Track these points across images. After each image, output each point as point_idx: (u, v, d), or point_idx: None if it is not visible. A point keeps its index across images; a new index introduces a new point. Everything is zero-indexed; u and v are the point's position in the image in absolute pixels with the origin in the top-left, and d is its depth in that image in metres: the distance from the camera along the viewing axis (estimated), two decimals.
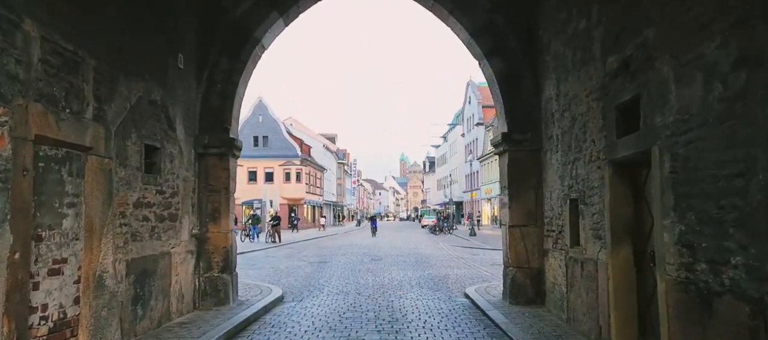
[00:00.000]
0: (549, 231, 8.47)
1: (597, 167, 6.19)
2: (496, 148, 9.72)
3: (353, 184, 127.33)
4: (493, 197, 62.15)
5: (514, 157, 9.18)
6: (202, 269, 8.86)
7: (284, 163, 65.15)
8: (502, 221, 9.66)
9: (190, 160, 8.53)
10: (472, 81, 75.72)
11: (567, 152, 7.40)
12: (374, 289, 11.95)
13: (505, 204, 9.35)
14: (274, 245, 28.63)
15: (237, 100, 9.34)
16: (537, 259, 8.94)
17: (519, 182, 9.14)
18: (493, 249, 25.53)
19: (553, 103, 8.10)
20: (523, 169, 9.12)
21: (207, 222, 8.93)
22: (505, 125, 9.26)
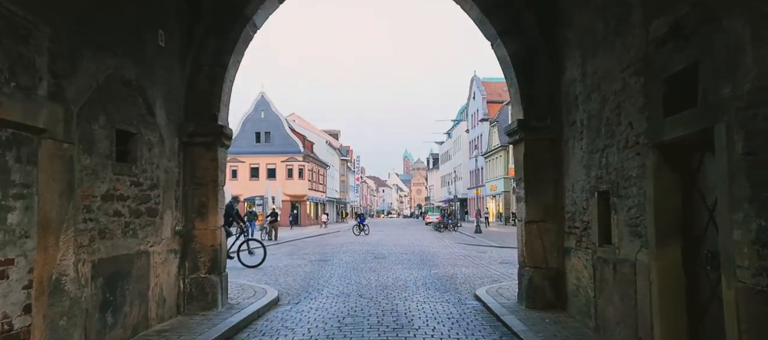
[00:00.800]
0: (571, 228, 7.62)
1: (635, 154, 5.34)
2: (511, 137, 8.87)
3: (356, 181, 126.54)
4: (498, 193, 61.32)
5: (531, 146, 8.33)
6: (188, 269, 8.04)
7: (286, 159, 64.38)
8: (518, 216, 8.81)
9: (174, 149, 7.70)
10: (477, 76, 74.83)
11: (595, 139, 6.54)
12: (377, 290, 11.12)
13: (521, 198, 8.50)
14: (272, 242, 27.66)
15: (226, 84, 8.51)
16: (556, 258, 8.09)
17: (536, 174, 8.29)
18: (500, 247, 24.69)
19: (576, 85, 7.24)
20: (541, 159, 8.27)
21: (193, 218, 8.11)
22: (521, 112, 8.41)
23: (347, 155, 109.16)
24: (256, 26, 8.80)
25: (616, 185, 5.85)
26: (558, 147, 8.10)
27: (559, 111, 8.04)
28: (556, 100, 8.11)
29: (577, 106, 7.21)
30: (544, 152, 8.25)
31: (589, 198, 6.75)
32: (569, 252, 7.68)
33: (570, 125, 7.58)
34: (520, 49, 8.37)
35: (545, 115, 8.17)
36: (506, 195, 58.74)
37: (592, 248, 6.64)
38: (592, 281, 6.63)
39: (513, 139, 8.78)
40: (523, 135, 8.34)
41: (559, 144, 8.08)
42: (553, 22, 8.06)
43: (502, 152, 59.50)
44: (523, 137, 8.36)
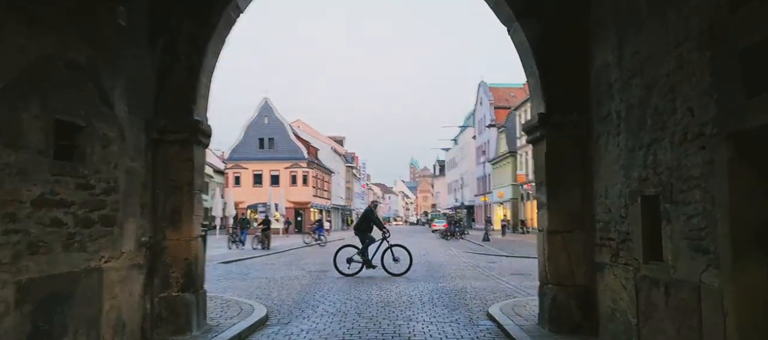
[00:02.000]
0: (604, 239, 6.49)
1: (699, 148, 4.22)
2: (530, 135, 7.76)
3: (362, 188, 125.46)
4: (505, 200, 60.09)
5: (554, 145, 7.20)
6: (157, 287, 6.94)
7: (290, 165, 63.47)
8: (538, 225, 7.69)
9: (139, 147, 6.63)
10: (484, 82, 73.81)
11: (637, 133, 5.42)
12: (378, 308, 9.99)
13: (543, 204, 7.38)
14: (265, 252, 26.39)
15: (204, 74, 7.43)
16: (585, 274, 6.95)
17: (560, 177, 7.17)
18: (510, 256, 23.52)
19: (610, 72, 6.13)
20: (566, 159, 7.15)
21: (164, 227, 7.02)
22: (542, 105, 7.29)
23: (353, 162, 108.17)
24: (240, 9, 7.73)
25: (669, 187, 4.73)
26: (586, 145, 6.99)
27: (587, 104, 6.93)
28: (583, 92, 7.00)
29: (612, 96, 6.10)
30: (569, 152, 7.13)
31: (630, 204, 5.62)
32: (602, 268, 6.54)
33: (602, 120, 6.46)
34: (542, 33, 7.25)
35: (571, 108, 7.06)
36: (514, 202, 57.53)
37: (634, 265, 5.51)
38: (634, 305, 5.49)
39: (532, 137, 7.66)
40: (544, 132, 7.22)
41: (587, 142, 6.96)
42: (581, 2, 6.96)
43: (509, 159, 58.34)
44: (544, 134, 7.24)
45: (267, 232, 28.92)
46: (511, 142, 58.10)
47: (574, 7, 7.05)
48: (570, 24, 7.11)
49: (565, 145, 7.14)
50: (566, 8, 7.12)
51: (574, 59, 7.06)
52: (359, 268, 15.33)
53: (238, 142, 64.52)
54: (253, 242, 28.54)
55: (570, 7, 7.09)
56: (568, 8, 7.10)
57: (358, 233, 16.43)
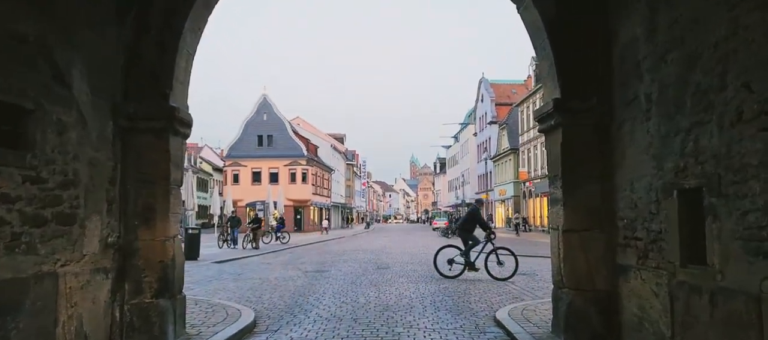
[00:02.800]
0: (628, 239, 5.76)
1: (758, 130, 3.50)
2: (543, 124, 7.01)
3: (363, 186, 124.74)
4: (507, 198, 59.33)
5: (570, 133, 6.47)
6: (128, 293, 6.21)
7: (290, 163, 62.73)
8: (551, 223, 6.96)
9: (105, 135, 5.90)
10: (485, 78, 73.01)
11: (672, 117, 4.70)
12: (376, 312, 9.27)
13: (558, 200, 6.64)
14: (258, 252, 25.32)
15: (182, 55, 6.69)
16: (605, 278, 6.22)
17: (578, 169, 6.44)
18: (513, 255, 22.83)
19: (639, 49, 5.39)
20: (584, 150, 6.42)
21: (136, 226, 6.29)
22: (558, 89, 6.55)
23: (353, 160, 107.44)
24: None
25: (716, 179, 4.00)
26: (607, 133, 6.25)
27: (609, 87, 6.19)
28: (604, 74, 6.26)
29: (640, 76, 5.36)
30: (588, 141, 6.40)
31: (662, 199, 4.89)
32: (626, 271, 5.81)
33: (627, 104, 5.72)
34: (556, 8, 6.50)
35: (589, 93, 6.32)
36: (516, 200, 56.82)
37: (668, 269, 4.78)
38: (667, 315, 4.76)
39: (545, 126, 6.93)
40: (560, 119, 6.48)
41: (608, 129, 6.23)
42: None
43: (511, 156, 57.61)
44: (560, 122, 6.50)
45: (257, 230, 27.97)
46: (513, 139, 57.38)
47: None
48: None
49: (584, 134, 6.40)
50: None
51: (594, 37, 6.33)
52: (461, 270, 14.40)
53: (236, 139, 63.76)
54: (245, 240, 27.59)
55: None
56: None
57: (461, 234, 15.55)
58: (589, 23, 6.35)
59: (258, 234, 28.00)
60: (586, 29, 6.37)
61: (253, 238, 27.58)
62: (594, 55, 6.33)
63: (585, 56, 6.38)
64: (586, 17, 6.37)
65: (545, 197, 47.57)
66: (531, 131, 51.50)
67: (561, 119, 6.45)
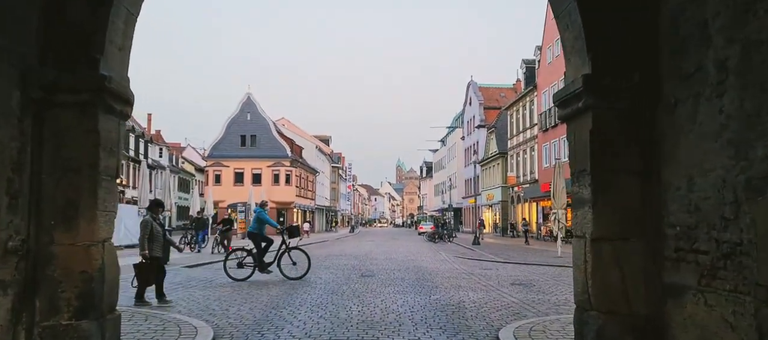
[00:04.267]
0: (684, 251, 4.50)
1: None
2: (566, 108, 5.74)
3: (348, 189, 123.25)
4: (494, 203, 58.20)
5: (603, 117, 5.20)
6: (40, 313, 4.84)
7: (273, 164, 61.20)
8: (576, 229, 5.68)
9: (11, 109, 4.53)
10: (474, 81, 72.01)
11: (763, 88, 3.44)
12: (359, 330, 7.93)
13: (585, 201, 5.37)
14: (209, 258, 22.22)
15: (119, 12, 5.32)
16: (647, 299, 4.96)
17: (611, 163, 5.17)
18: (505, 262, 21.60)
19: (706, 5, 4.14)
20: (621, 138, 5.16)
21: (52, 227, 4.92)
22: (587, 64, 5.28)
23: (339, 162, 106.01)
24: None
25: None
26: (651, 117, 5.00)
27: (654, 59, 4.94)
28: (647, 42, 5.01)
29: (708, 38, 4.10)
30: (625, 127, 5.14)
31: (746, 199, 3.64)
32: (681, 293, 4.54)
33: (685, 78, 4.46)
34: None
35: (629, 67, 5.07)
36: (504, 205, 55.74)
37: (757, 295, 3.52)
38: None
39: (569, 111, 5.65)
40: (590, 101, 5.21)
41: (652, 112, 4.98)
42: None
43: (499, 160, 56.55)
44: (589, 104, 5.23)
45: (228, 233, 25.17)
46: (502, 143, 56.34)
47: None
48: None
49: (621, 119, 5.14)
50: None
51: None
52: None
53: (218, 138, 62.07)
54: (213, 245, 24.80)
55: None
56: None
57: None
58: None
59: (229, 237, 25.18)
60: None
61: (221, 242, 24.72)
62: (634, 21, 5.08)
63: (623, 21, 5.12)
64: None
65: (534, 202, 46.56)
66: (520, 135, 50.48)
67: (592, 101, 5.18)
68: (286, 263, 14.69)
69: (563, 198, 24.93)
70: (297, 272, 14.49)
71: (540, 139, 43.96)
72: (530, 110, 47.69)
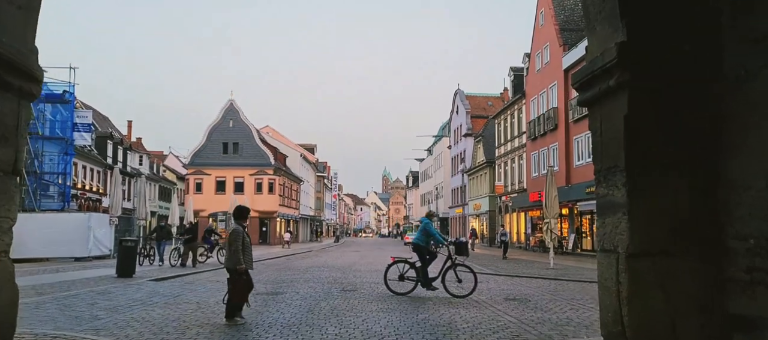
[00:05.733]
0: (759, 271, 3.36)
1: None
2: (588, 89, 4.58)
3: (333, 198, 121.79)
4: (481, 213, 57.15)
5: (643, 98, 4.05)
6: None
7: (256, 172, 59.79)
8: (603, 242, 4.51)
9: None
10: (461, 90, 71.20)
11: None
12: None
13: (617, 206, 4.20)
14: (187, 270, 20.23)
15: None
16: (704, 335, 3.81)
17: (652, 156, 4.02)
18: (496, 274, 20.44)
19: None
20: (665, 125, 4.02)
21: None
22: (621, 30, 4.13)
23: (324, 171, 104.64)
24: None
25: None
26: (704, 97, 3.88)
27: (713, 21, 3.82)
28: (703, 8, 3.89)
29: None
30: (671, 109, 4.00)
31: None
32: (754, 327, 3.39)
33: (759, 43, 3.34)
34: None
35: (677, 33, 3.94)
36: (491, 214, 54.72)
37: None
38: None
39: (595, 91, 4.48)
40: (626, 77, 4.05)
41: (707, 90, 3.85)
42: None
43: (487, 169, 55.59)
44: (625, 82, 4.07)
45: (191, 244, 22.78)
46: (489, 152, 55.40)
47: None
48: None
49: (665, 99, 4.00)
50: None
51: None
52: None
53: (200, 146, 60.51)
54: (172, 256, 22.57)
55: None
56: None
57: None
58: None
59: (194, 249, 22.69)
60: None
61: (184, 253, 22.30)
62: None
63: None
64: None
65: (523, 212, 45.49)
66: (508, 144, 49.57)
67: (628, 76, 4.03)
68: (451, 279, 13.40)
69: (556, 207, 23.91)
70: (462, 290, 13.11)
71: (529, 148, 43.04)
72: (519, 119, 46.82)
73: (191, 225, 25.37)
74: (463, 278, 13.61)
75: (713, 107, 3.81)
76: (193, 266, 21.70)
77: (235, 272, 9.27)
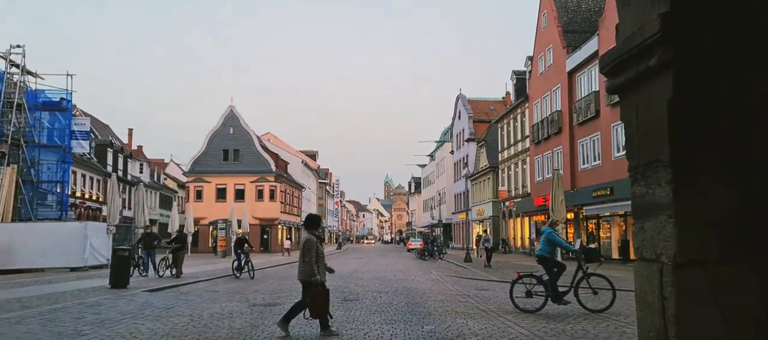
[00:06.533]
0: None
1: None
2: (620, 74, 3.95)
3: (335, 205, 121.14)
4: (485, 218, 56.46)
5: (691, 79, 3.43)
6: None
7: (257, 179, 59.23)
8: (643, 250, 3.87)
9: None
10: (463, 94, 70.67)
11: None
12: None
13: (661, 206, 3.55)
14: (176, 281, 19.41)
15: None
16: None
17: (703, 147, 3.40)
18: (501, 281, 19.80)
19: None
20: (719, 111, 3.40)
21: None
22: (666, 1, 3.51)
23: (326, 178, 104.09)
24: None
25: None
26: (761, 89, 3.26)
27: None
28: None
29: None
30: (726, 92, 3.38)
31: None
32: None
33: None
34: None
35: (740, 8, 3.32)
36: (495, 220, 54.05)
37: None
38: None
39: (630, 75, 3.83)
40: (671, 53, 3.43)
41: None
42: None
43: (490, 174, 54.94)
44: (670, 59, 3.44)
45: (179, 253, 21.72)
46: (492, 157, 54.80)
47: None
48: None
49: (719, 79, 3.38)
50: None
51: None
52: None
53: (200, 153, 59.96)
54: (161, 266, 21.39)
55: None
56: None
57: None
58: None
59: (180, 258, 21.55)
60: None
61: (173, 263, 21.28)
62: None
63: None
64: None
65: (527, 217, 44.76)
66: (511, 148, 48.95)
67: (674, 53, 3.40)
68: (584, 291, 11.94)
69: (563, 212, 23.24)
70: (599, 304, 11.69)
71: (532, 152, 42.42)
72: (522, 122, 46.23)
73: (179, 232, 24.32)
74: (598, 289, 11.94)
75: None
76: (176, 277, 20.55)
77: (310, 284, 8.66)
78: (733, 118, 3.40)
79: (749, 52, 3.35)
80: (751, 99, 3.37)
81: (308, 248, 8.71)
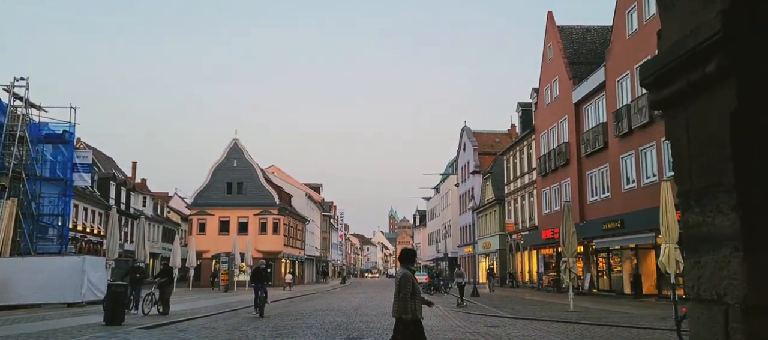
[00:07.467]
0: None
1: None
2: (667, 86, 3.41)
3: (340, 238, 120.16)
4: (491, 251, 55.56)
5: (756, 90, 2.92)
6: None
7: (260, 212, 58.62)
8: (697, 288, 3.30)
9: None
10: (468, 127, 70.39)
11: None
12: None
13: (724, 238, 2.99)
14: (173, 317, 18.27)
15: None
16: None
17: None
18: (512, 317, 19.07)
19: None
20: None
21: None
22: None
23: (330, 211, 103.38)
24: None
25: None
26: None
27: None
28: None
29: None
30: None
31: None
32: None
33: None
34: None
35: None
36: (502, 253, 53.15)
37: None
38: None
39: (679, 85, 3.32)
40: (734, 57, 2.92)
41: None
42: None
43: (496, 206, 54.23)
44: (732, 65, 2.93)
45: (167, 287, 20.48)
46: (498, 189, 54.18)
47: None
48: None
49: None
50: None
51: None
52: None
53: (204, 186, 59.52)
54: (146, 303, 19.54)
55: None
56: None
57: None
58: None
59: (167, 293, 20.04)
60: None
61: (159, 299, 19.75)
62: None
63: None
64: None
65: (534, 250, 43.91)
66: (517, 181, 48.36)
67: (738, 57, 2.89)
68: None
69: (574, 245, 22.54)
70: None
71: (539, 184, 41.81)
72: (528, 154, 45.72)
73: (165, 266, 23.10)
74: None
75: None
76: (163, 314, 19.28)
77: (402, 321, 8.07)
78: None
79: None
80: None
81: (403, 284, 8.12)
